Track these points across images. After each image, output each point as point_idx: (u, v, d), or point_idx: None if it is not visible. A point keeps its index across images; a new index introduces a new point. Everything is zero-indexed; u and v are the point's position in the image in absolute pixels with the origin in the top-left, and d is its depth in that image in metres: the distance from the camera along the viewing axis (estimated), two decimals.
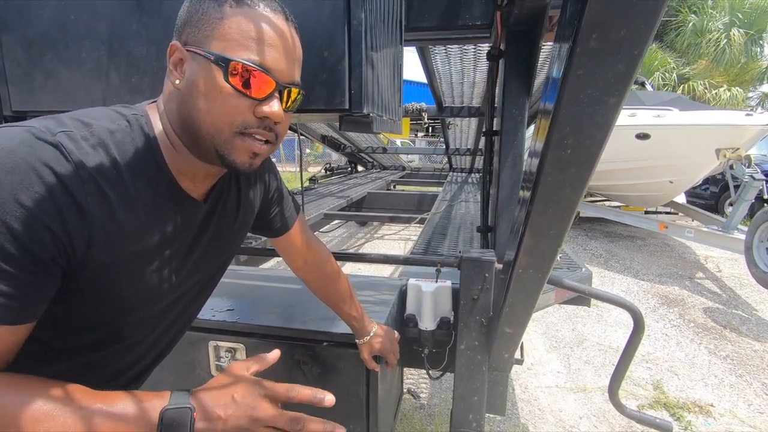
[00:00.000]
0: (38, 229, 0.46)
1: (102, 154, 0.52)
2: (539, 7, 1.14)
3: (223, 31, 0.53)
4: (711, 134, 4.00)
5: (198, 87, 0.54)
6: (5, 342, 0.48)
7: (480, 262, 1.12)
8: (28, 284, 0.47)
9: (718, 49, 11.26)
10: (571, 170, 0.53)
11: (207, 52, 0.53)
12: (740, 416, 2.21)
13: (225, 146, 0.56)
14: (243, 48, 0.53)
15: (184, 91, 0.55)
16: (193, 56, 0.55)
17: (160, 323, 0.68)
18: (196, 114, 0.55)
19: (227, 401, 0.55)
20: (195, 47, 0.54)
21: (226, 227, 0.72)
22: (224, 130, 0.55)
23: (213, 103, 0.54)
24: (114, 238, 0.53)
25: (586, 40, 0.40)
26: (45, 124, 0.49)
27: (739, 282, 4.18)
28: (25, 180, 0.45)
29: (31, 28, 0.95)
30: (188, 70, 0.55)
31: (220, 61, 0.53)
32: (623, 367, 1.19)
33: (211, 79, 0.53)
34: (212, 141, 0.56)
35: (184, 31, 0.56)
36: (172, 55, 0.56)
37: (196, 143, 0.57)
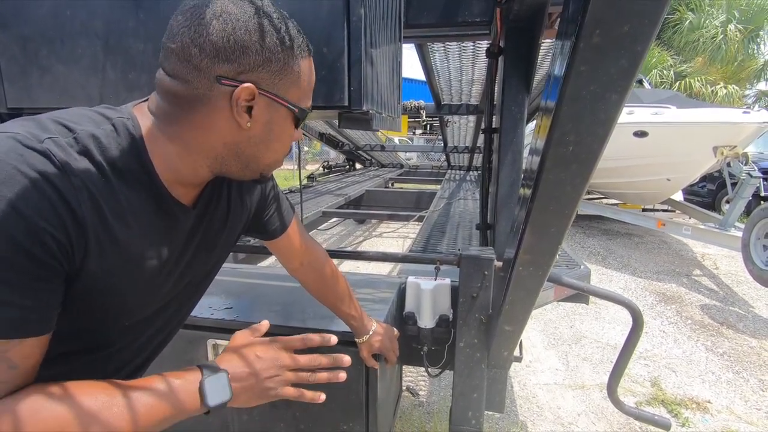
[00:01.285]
0: (45, 239, 0.45)
1: (88, 162, 0.50)
2: (539, 4, 1.13)
3: (299, 82, 0.58)
4: (708, 132, 4.01)
5: (275, 132, 0.59)
6: (35, 354, 0.48)
7: (479, 260, 1.12)
8: (47, 293, 0.47)
9: (714, 45, 11.29)
10: (572, 167, 0.53)
11: (291, 105, 0.58)
12: (737, 412, 2.22)
13: (271, 170, 0.65)
14: (308, 97, 0.61)
15: (253, 133, 0.58)
16: (269, 102, 0.56)
17: (147, 329, 0.68)
18: (264, 152, 0.60)
19: (252, 359, 0.63)
20: (274, 95, 0.56)
21: (215, 232, 0.71)
22: (280, 160, 0.64)
23: (283, 144, 0.62)
24: (106, 246, 0.52)
25: (589, 36, 0.39)
26: (28, 130, 0.47)
27: (735, 279, 4.20)
28: (24, 190, 0.44)
29: (27, 25, 0.94)
30: (262, 113, 0.56)
31: (300, 114, 0.60)
32: (622, 365, 1.19)
33: (288, 126, 0.60)
34: (264, 169, 0.63)
35: (256, 72, 0.53)
36: (240, 94, 0.53)
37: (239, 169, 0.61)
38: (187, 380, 0.56)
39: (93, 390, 0.50)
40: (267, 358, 0.64)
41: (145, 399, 0.52)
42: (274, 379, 0.65)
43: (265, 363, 0.64)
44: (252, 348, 0.65)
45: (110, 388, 0.51)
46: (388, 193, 4.55)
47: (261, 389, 0.64)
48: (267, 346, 0.66)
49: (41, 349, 0.49)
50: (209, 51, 0.51)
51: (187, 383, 0.56)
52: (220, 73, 0.52)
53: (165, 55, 0.54)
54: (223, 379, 0.59)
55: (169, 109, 0.55)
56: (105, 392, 0.50)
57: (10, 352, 0.45)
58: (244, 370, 0.62)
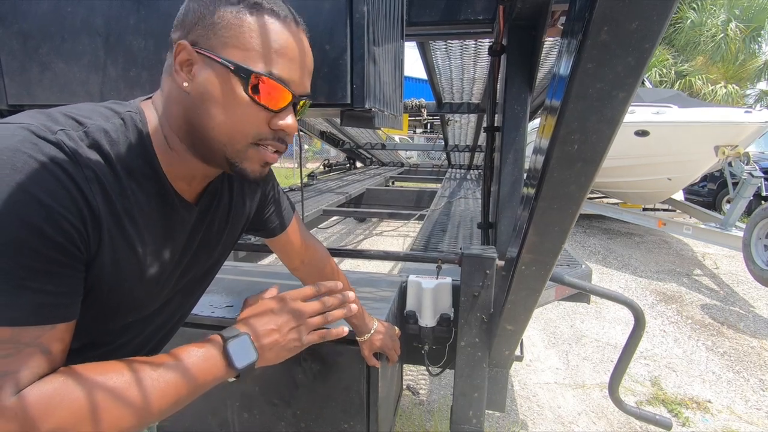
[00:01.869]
0: (66, 226, 0.46)
1: (98, 156, 0.50)
2: (542, 2, 1.12)
3: (243, 39, 0.52)
4: (710, 131, 4.00)
5: (212, 95, 0.53)
6: (66, 339, 0.49)
7: (481, 259, 1.12)
8: (72, 279, 0.48)
9: (715, 44, 11.27)
10: (577, 166, 0.52)
11: (225, 60, 0.52)
12: (738, 412, 2.22)
13: (237, 155, 0.56)
14: (264, 60, 0.52)
15: (193, 96, 0.54)
16: (206, 60, 0.53)
17: (149, 325, 0.68)
18: (207, 121, 0.54)
19: (270, 316, 0.64)
20: (209, 52, 0.52)
21: (217, 230, 0.71)
22: (239, 140, 0.55)
23: (229, 113, 0.53)
24: (116, 238, 0.53)
25: (597, 33, 0.39)
26: (41, 122, 0.48)
27: (736, 279, 4.20)
28: (40, 179, 0.44)
29: (27, 20, 0.94)
30: (199, 74, 0.53)
31: (241, 72, 0.52)
32: (624, 364, 1.19)
33: (228, 89, 0.52)
34: (224, 149, 0.55)
35: (193, 31, 0.53)
36: (178, 54, 0.53)
37: (203, 148, 0.56)
38: (209, 349, 0.57)
39: (118, 369, 0.50)
40: (283, 312, 0.65)
41: (169, 374, 0.52)
42: (296, 330, 0.65)
43: (283, 317, 0.64)
44: (266, 306, 0.65)
45: (135, 366, 0.51)
46: (388, 191, 4.54)
47: (286, 342, 0.64)
48: (280, 301, 0.66)
49: (70, 334, 0.50)
50: (174, 25, 0.56)
51: (210, 351, 0.57)
52: (173, 40, 0.55)
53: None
54: (246, 341, 0.59)
55: (158, 92, 0.59)
56: (130, 370, 0.50)
57: (42, 338, 0.46)
58: (264, 328, 0.62)
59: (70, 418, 0.45)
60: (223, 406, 1.17)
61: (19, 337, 0.44)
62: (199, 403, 1.17)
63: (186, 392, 0.54)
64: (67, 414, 0.45)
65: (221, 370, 0.57)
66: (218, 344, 0.58)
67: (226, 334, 0.59)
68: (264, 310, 0.65)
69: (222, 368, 0.57)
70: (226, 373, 0.58)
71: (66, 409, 0.45)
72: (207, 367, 0.56)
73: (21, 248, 0.43)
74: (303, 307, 0.67)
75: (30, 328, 0.44)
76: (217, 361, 0.57)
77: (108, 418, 0.47)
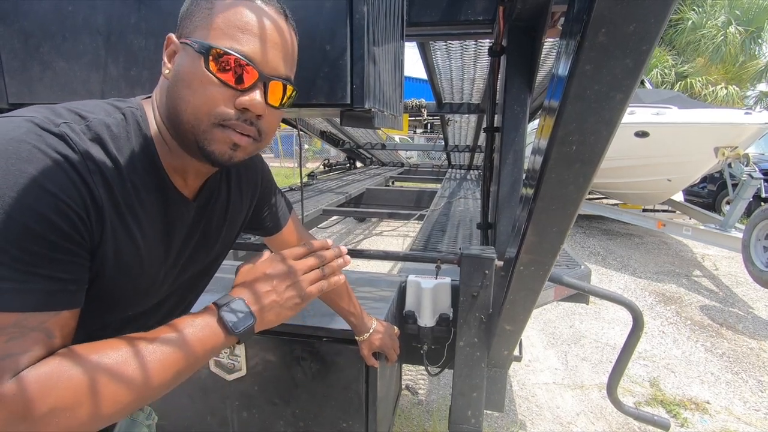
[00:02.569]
0: (71, 215, 0.47)
1: (100, 149, 0.51)
2: (542, 3, 1.13)
3: (210, 21, 0.54)
4: (710, 132, 4.00)
5: (182, 76, 0.54)
6: (69, 326, 0.49)
7: (480, 259, 1.12)
8: (77, 267, 0.49)
9: (716, 46, 11.27)
10: (575, 167, 0.53)
11: (192, 41, 0.54)
12: (736, 413, 2.22)
13: (204, 136, 0.55)
14: (226, 36, 0.53)
15: (171, 81, 0.56)
16: (184, 47, 0.55)
17: (148, 321, 0.68)
18: (179, 103, 0.54)
19: (264, 278, 0.62)
20: (185, 38, 0.55)
21: (214, 226, 0.72)
22: (203, 119, 0.54)
23: (194, 92, 0.53)
24: (118, 230, 0.53)
25: (595, 35, 0.39)
26: (45, 115, 0.49)
27: (735, 280, 4.20)
28: (46, 167, 0.45)
29: (28, 19, 0.94)
30: (177, 60, 0.56)
31: (202, 49, 0.52)
32: (622, 365, 1.19)
33: (194, 68, 0.53)
34: (192, 131, 0.55)
35: (181, 24, 0.57)
36: (167, 47, 0.57)
37: (179, 134, 0.56)
38: (205, 318, 0.56)
39: (115, 346, 0.50)
40: (277, 271, 0.62)
41: (167, 347, 0.52)
42: (293, 287, 0.63)
43: (278, 276, 0.62)
44: (258, 269, 0.63)
45: (131, 341, 0.51)
46: (388, 191, 4.54)
47: (284, 300, 0.62)
48: (272, 262, 0.64)
49: (74, 321, 0.50)
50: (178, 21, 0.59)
51: (206, 320, 0.56)
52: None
53: None
54: (241, 305, 0.58)
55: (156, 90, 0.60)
56: (127, 346, 0.50)
57: (47, 323, 0.46)
58: (259, 290, 0.61)
59: (69, 397, 0.45)
60: (223, 405, 1.17)
61: (24, 322, 0.44)
62: (199, 402, 1.18)
63: (185, 364, 0.53)
64: (66, 393, 0.45)
65: (220, 338, 0.56)
66: (213, 313, 0.57)
67: (219, 302, 0.58)
68: (257, 273, 0.63)
69: (220, 335, 0.56)
70: (226, 340, 0.57)
71: (64, 389, 0.45)
72: (204, 336, 0.55)
73: (29, 235, 0.43)
74: (297, 264, 0.64)
75: (35, 313, 0.45)
76: (215, 329, 0.56)
77: (107, 395, 0.47)
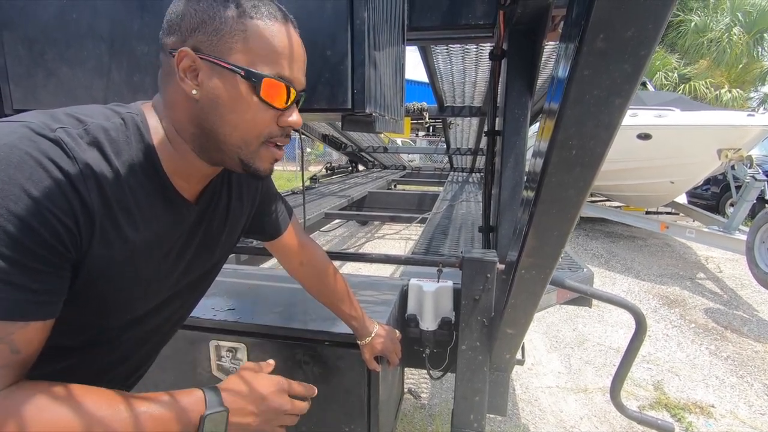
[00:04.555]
0: (55, 224, 0.46)
1: (98, 153, 0.51)
2: (542, 7, 1.13)
3: (248, 44, 0.54)
4: (712, 135, 3.99)
5: (224, 101, 0.55)
6: (38, 339, 0.48)
7: (482, 263, 1.12)
8: (54, 277, 0.48)
9: (720, 49, 11.25)
10: (575, 171, 0.53)
11: (234, 66, 0.53)
12: (741, 417, 2.20)
13: (252, 156, 0.59)
14: (270, 63, 0.55)
15: (204, 103, 0.55)
16: (212, 67, 0.53)
17: (146, 326, 0.68)
18: (221, 127, 0.56)
19: (257, 399, 0.63)
20: (214, 58, 0.53)
21: (216, 230, 0.72)
22: (253, 141, 0.58)
23: (241, 116, 0.56)
24: (111, 236, 0.53)
25: (593, 40, 0.39)
26: (41, 120, 0.49)
27: (740, 283, 4.18)
28: (35, 175, 0.45)
29: (32, 26, 0.95)
30: (207, 81, 0.54)
31: (252, 77, 0.54)
32: (625, 368, 1.19)
33: (238, 94, 0.54)
34: (239, 152, 0.58)
35: (193, 37, 0.53)
36: (181, 61, 0.53)
37: (216, 152, 0.58)
38: (189, 408, 0.56)
39: (97, 397, 0.49)
40: (271, 402, 0.64)
41: (146, 417, 0.51)
42: (272, 422, 0.65)
43: (268, 406, 0.64)
44: (260, 387, 0.64)
45: (114, 398, 0.50)
46: (390, 194, 4.55)
47: (259, 425, 0.63)
48: (276, 388, 0.66)
49: (44, 335, 0.49)
50: (165, 28, 0.56)
51: (189, 412, 0.55)
52: (170, 45, 0.55)
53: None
54: (222, 417, 0.58)
55: (158, 96, 0.59)
56: (109, 401, 0.50)
57: (14, 335, 0.45)
58: (246, 408, 0.61)
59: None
60: None
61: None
62: None
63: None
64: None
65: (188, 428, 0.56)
66: (199, 409, 0.56)
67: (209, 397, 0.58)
68: (255, 390, 0.64)
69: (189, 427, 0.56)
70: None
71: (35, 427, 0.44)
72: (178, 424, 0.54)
73: (7, 242, 0.43)
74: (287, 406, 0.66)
75: (2, 322, 0.44)
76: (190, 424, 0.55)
77: None
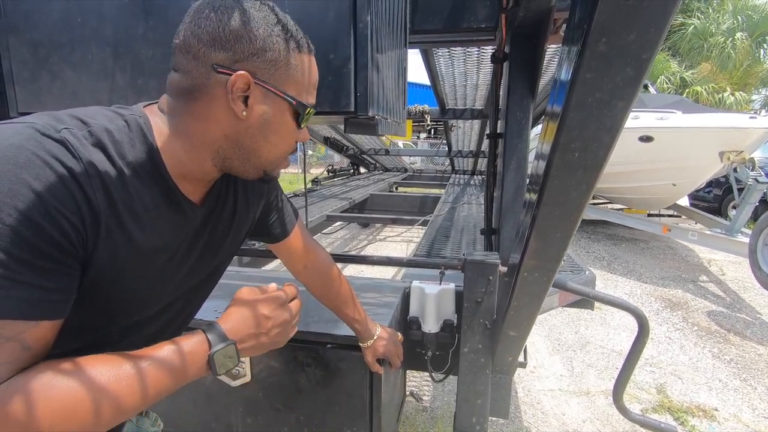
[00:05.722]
0: (63, 223, 0.47)
1: (102, 154, 0.51)
2: (544, 10, 1.13)
3: (297, 76, 0.60)
4: (715, 137, 3.99)
5: (272, 124, 0.60)
6: (48, 338, 0.49)
7: (484, 265, 1.12)
8: (64, 276, 0.48)
9: (724, 53, 11.23)
10: (578, 174, 0.53)
11: (288, 96, 0.59)
12: (745, 420, 2.19)
13: (275, 168, 0.66)
14: (308, 94, 0.63)
15: (251, 123, 0.58)
16: (265, 92, 0.57)
17: (150, 327, 0.68)
18: (263, 146, 0.61)
19: (261, 320, 0.64)
20: (271, 86, 0.57)
21: (221, 233, 0.72)
22: (281, 157, 0.65)
23: (282, 138, 0.62)
24: (116, 236, 0.53)
25: (595, 44, 0.39)
26: (46, 121, 0.49)
27: (742, 285, 4.16)
28: (42, 174, 0.45)
29: (38, 30, 0.96)
30: (258, 104, 0.57)
31: (300, 108, 0.61)
32: (628, 371, 1.18)
33: (285, 119, 0.61)
34: (267, 165, 0.64)
35: (250, 61, 0.55)
36: (235, 82, 0.54)
37: (243, 163, 0.62)
38: (195, 352, 0.57)
39: (102, 363, 0.50)
40: (276, 319, 0.65)
41: (153, 371, 0.52)
42: (283, 333, 0.68)
43: (274, 321, 0.65)
44: (259, 307, 0.65)
45: (119, 361, 0.51)
46: (392, 197, 4.56)
47: (272, 343, 0.66)
48: (274, 302, 0.66)
49: (54, 333, 0.50)
50: (206, 40, 0.54)
51: (196, 355, 0.57)
52: (216, 61, 0.55)
53: (173, 52, 0.58)
54: (231, 350, 0.60)
55: (175, 103, 0.58)
56: (114, 365, 0.50)
57: (25, 333, 0.46)
58: (251, 332, 0.63)
59: (45, 414, 0.45)
60: (227, 411, 1.18)
61: (0, 330, 0.44)
62: (204, 408, 1.18)
63: (165, 390, 0.54)
64: (42, 410, 0.45)
65: (202, 373, 0.58)
66: (204, 350, 0.57)
67: (213, 338, 0.59)
68: (256, 311, 0.64)
69: (203, 371, 0.58)
70: (205, 374, 0.59)
71: (42, 404, 0.45)
72: (189, 370, 0.56)
73: (17, 241, 0.43)
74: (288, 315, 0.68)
75: (14, 321, 0.44)
76: (200, 366, 0.57)
77: (83, 414, 0.47)
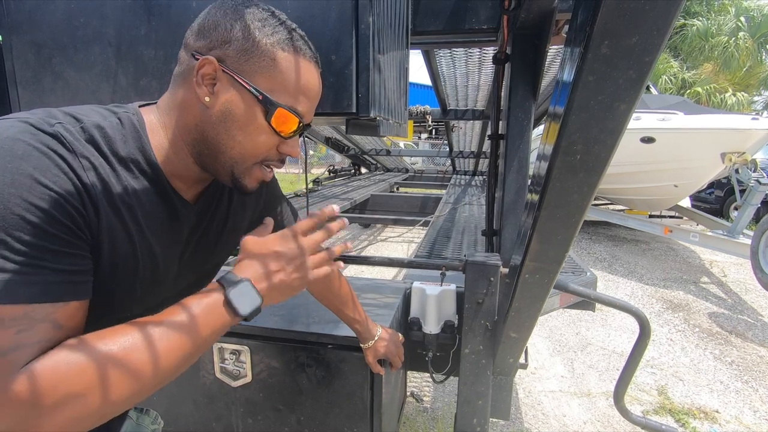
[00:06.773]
0: (69, 209, 0.47)
1: (95, 149, 0.52)
2: (546, 12, 1.13)
3: (273, 73, 0.56)
4: (716, 138, 3.98)
5: (234, 116, 0.57)
6: (79, 317, 0.50)
7: (485, 266, 1.12)
8: (80, 258, 0.49)
9: (727, 54, 11.22)
10: (580, 176, 0.53)
11: (255, 89, 0.56)
12: (746, 423, 2.19)
13: (243, 172, 0.60)
14: (290, 97, 0.58)
15: (214, 113, 0.56)
16: (232, 81, 0.55)
17: None
18: (225, 140, 0.58)
19: (271, 256, 0.60)
20: (237, 75, 0.55)
21: (215, 232, 0.72)
22: (248, 160, 0.60)
23: (247, 135, 0.58)
24: (114, 228, 0.54)
25: (598, 47, 0.39)
26: (39, 116, 0.50)
27: (744, 287, 4.16)
28: (41, 164, 0.46)
29: (40, 30, 0.96)
30: (223, 92, 0.56)
31: (268, 104, 0.56)
32: (629, 373, 1.18)
33: (251, 115, 0.57)
34: (234, 166, 0.59)
35: (221, 48, 0.55)
36: (202, 66, 0.55)
37: (211, 160, 0.60)
38: (211, 300, 0.55)
39: (122, 332, 0.49)
40: (285, 250, 0.61)
41: (174, 331, 0.51)
42: (301, 268, 0.62)
43: (286, 256, 0.61)
44: (266, 245, 0.61)
45: (138, 327, 0.50)
46: (393, 197, 4.55)
47: (291, 281, 0.61)
48: (281, 239, 0.62)
49: (83, 312, 0.51)
50: (195, 30, 0.57)
51: (212, 302, 0.55)
52: (195, 48, 0.57)
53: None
54: (247, 287, 0.56)
55: (167, 96, 0.60)
56: (134, 332, 0.50)
57: (56, 314, 0.47)
58: (266, 270, 0.59)
59: (79, 385, 0.45)
60: (228, 411, 1.18)
61: (32, 313, 0.45)
62: (204, 408, 1.18)
63: (193, 347, 0.53)
64: (76, 381, 0.45)
65: (226, 319, 0.56)
66: (219, 295, 0.56)
67: (225, 281, 0.56)
68: (265, 250, 0.61)
69: (227, 317, 0.55)
70: (232, 320, 0.56)
71: (74, 377, 0.45)
72: (212, 318, 0.54)
73: (30, 230, 0.44)
74: (306, 242, 0.63)
75: (43, 305, 0.45)
76: (221, 311, 0.55)
77: (117, 382, 0.47)
